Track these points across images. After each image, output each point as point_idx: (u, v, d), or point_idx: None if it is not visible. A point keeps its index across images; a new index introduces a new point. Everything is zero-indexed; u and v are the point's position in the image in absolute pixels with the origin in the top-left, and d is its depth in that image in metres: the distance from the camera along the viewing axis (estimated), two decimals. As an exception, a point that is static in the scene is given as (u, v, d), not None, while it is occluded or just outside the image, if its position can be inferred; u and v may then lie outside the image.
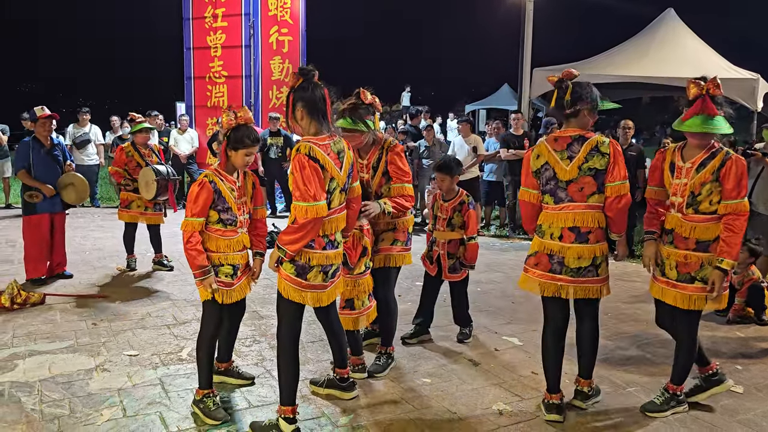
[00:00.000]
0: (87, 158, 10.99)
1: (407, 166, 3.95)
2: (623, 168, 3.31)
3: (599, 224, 3.36)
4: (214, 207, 3.32)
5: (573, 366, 3.75)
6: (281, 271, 3.13)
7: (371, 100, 3.78)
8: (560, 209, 3.37)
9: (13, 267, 6.61)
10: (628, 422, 3.42)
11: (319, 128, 3.10)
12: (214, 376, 3.78)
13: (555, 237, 3.38)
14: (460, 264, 4.57)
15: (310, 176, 2.95)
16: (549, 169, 3.38)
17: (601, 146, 3.29)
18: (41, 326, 4.80)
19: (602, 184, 3.31)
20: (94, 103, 35.91)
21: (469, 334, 4.71)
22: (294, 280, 3.10)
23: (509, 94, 25.69)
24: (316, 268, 3.12)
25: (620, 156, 3.31)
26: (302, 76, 3.11)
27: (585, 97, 3.31)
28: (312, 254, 3.10)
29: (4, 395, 3.57)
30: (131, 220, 6.61)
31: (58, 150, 6.19)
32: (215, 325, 3.43)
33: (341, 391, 3.63)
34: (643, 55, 10.44)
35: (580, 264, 3.37)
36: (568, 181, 3.33)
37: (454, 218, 4.53)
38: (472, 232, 4.52)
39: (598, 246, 3.39)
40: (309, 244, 3.07)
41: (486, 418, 3.42)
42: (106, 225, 9.51)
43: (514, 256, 7.88)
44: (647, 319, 5.18)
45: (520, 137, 9.06)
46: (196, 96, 12.16)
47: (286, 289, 3.12)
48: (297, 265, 3.10)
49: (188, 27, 11.99)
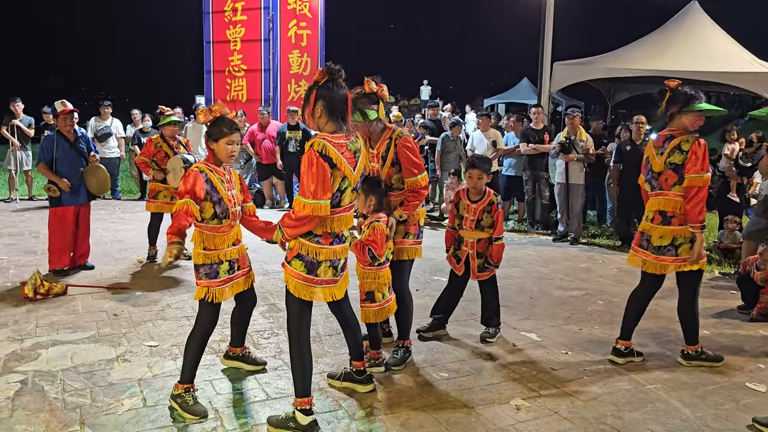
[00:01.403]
0: (108, 151, 11.12)
1: (419, 158, 3.89)
2: (700, 163, 3.85)
3: (681, 211, 3.96)
4: (209, 198, 3.36)
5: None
6: (290, 269, 3.13)
7: (375, 90, 3.74)
8: (654, 196, 4.09)
9: (36, 258, 6.72)
10: (649, 420, 3.38)
11: (337, 128, 3.10)
12: (229, 361, 3.91)
13: (648, 219, 4.11)
14: (486, 263, 4.53)
15: (314, 174, 2.94)
16: (649, 163, 4.15)
17: (682, 144, 3.92)
18: (64, 317, 4.87)
19: (682, 176, 3.92)
20: (116, 96, 36.33)
21: (493, 334, 4.57)
22: (304, 277, 3.11)
23: (528, 89, 25.52)
24: (324, 263, 3.13)
25: (698, 153, 3.85)
26: (328, 74, 3.10)
27: (678, 102, 3.96)
28: (319, 249, 3.10)
29: (28, 384, 3.63)
30: (158, 210, 6.69)
31: (83, 143, 6.27)
32: (209, 323, 3.44)
33: (358, 384, 3.64)
34: (666, 48, 10.29)
35: (660, 243, 4.03)
36: (659, 172, 4.05)
37: (483, 219, 4.45)
38: (499, 233, 4.48)
39: (680, 228, 3.97)
40: (317, 240, 3.08)
41: (503, 413, 3.41)
42: (127, 217, 9.62)
43: (532, 251, 7.84)
44: (667, 315, 5.13)
45: (540, 131, 8.99)
46: (216, 90, 12.24)
47: (296, 287, 3.12)
48: (306, 261, 3.10)
49: (208, 21, 12.06)
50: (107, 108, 11.55)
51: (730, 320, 5.19)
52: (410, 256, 4.00)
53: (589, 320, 5.12)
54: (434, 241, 8.27)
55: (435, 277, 6.34)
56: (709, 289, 6.08)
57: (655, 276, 4.14)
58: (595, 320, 5.12)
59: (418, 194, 3.86)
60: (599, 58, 11.12)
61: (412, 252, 4.00)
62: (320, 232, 3.09)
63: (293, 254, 3.12)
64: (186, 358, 3.41)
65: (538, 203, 9.32)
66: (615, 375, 3.98)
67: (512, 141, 9.53)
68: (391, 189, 3.90)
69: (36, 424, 3.17)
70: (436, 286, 6.00)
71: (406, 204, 3.85)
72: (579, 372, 4.01)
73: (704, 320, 4.64)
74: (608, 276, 6.64)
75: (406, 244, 3.97)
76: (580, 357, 4.28)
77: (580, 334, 4.78)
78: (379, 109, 3.77)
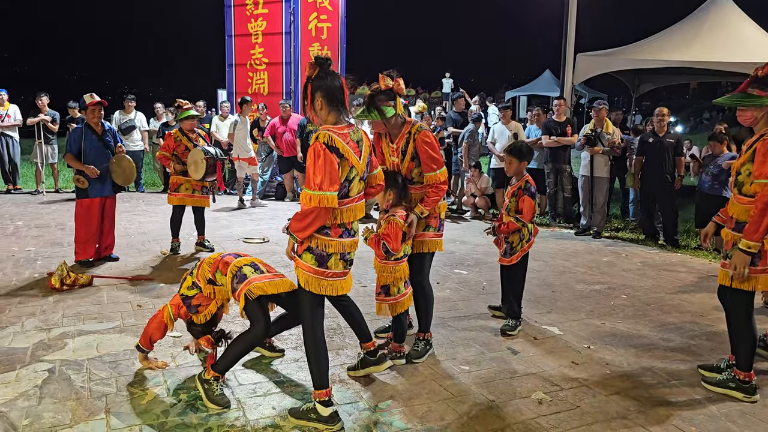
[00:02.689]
0: (132, 144, 11.27)
1: (438, 153, 3.85)
2: (761, 166, 3.33)
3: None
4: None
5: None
6: (301, 262, 3.12)
7: (391, 85, 3.70)
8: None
9: (63, 249, 6.84)
10: (673, 415, 3.34)
11: (338, 117, 3.09)
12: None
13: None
14: (516, 215, 4.58)
15: (321, 166, 2.92)
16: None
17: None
18: (89, 307, 4.95)
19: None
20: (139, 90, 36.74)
21: (513, 327, 4.56)
22: (315, 270, 3.09)
23: (551, 81, 25.26)
24: (335, 256, 3.11)
25: (762, 152, 3.33)
26: (319, 65, 3.09)
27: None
28: (329, 242, 3.08)
29: (55, 373, 3.70)
30: (179, 203, 6.77)
31: (110, 136, 6.36)
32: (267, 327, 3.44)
33: (373, 366, 3.70)
34: (693, 38, 10.09)
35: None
36: None
37: (510, 203, 4.62)
38: (525, 218, 4.55)
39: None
40: (326, 232, 3.07)
41: (525, 407, 3.40)
42: (150, 210, 9.74)
43: (554, 244, 7.78)
44: (692, 310, 5.07)
45: (562, 124, 8.91)
46: (237, 83, 12.30)
47: (307, 280, 3.11)
48: (316, 254, 3.08)
49: (229, 14, 12.12)
50: (131, 101, 11.70)
51: (758, 316, 5.11)
52: (431, 249, 3.99)
53: (612, 314, 5.07)
54: (455, 234, 8.25)
55: (456, 270, 6.33)
56: None
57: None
58: (618, 314, 5.06)
59: (438, 189, 3.85)
60: (624, 49, 10.94)
61: (432, 245, 3.98)
62: (329, 224, 3.07)
63: (303, 247, 3.12)
64: (229, 353, 3.43)
65: (560, 196, 9.24)
66: (638, 369, 3.94)
67: (534, 134, 9.45)
68: (412, 183, 3.90)
69: (63, 411, 3.23)
70: (456, 279, 5.99)
71: (426, 199, 3.83)
72: (601, 366, 3.98)
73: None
74: (632, 270, 6.57)
75: (427, 237, 3.96)
76: (602, 351, 4.24)
77: (603, 328, 4.73)
78: (397, 105, 3.74)
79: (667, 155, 7.73)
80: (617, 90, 24.38)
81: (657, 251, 7.56)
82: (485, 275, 6.16)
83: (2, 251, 6.80)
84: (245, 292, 3.33)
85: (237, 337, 3.46)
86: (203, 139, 6.90)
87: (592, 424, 3.22)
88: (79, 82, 44.77)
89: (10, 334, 4.32)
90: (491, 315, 4.93)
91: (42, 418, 3.16)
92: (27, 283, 5.58)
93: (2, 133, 11.21)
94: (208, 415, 3.24)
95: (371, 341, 3.74)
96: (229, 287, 3.44)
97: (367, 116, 3.68)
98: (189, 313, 3.61)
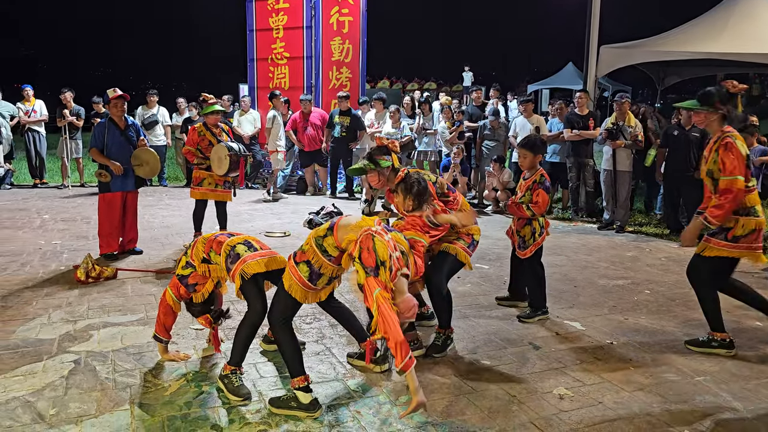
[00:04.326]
0: (155, 139, 11.38)
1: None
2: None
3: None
4: None
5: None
6: (295, 269, 3.27)
7: (386, 143, 3.97)
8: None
9: (88, 243, 6.94)
10: (697, 412, 3.29)
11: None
12: (269, 346, 4.00)
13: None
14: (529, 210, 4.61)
15: None
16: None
17: None
18: (114, 300, 5.03)
19: None
20: (162, 85, 37.11)
21: (529, 315, 4.67)
22: (305, 282, 3.27)
23: (574, 73, 24.97)
24: (325, 276, 3.30)
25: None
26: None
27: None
28: (327, 265, 3.25)
29: (81, 364, 3.77)
30: (202, 198, 6.82)
31: (132, 130, 6.44)
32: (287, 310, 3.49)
33: (373, 364, 3.75)
34: (720, 30, 9.87)
35: None
36: None
37: (524, 196, 4.65)
38: (536, 211, 4.59)
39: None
40: (330, 258, 3.23)
41: (546, 402, 3.37)
42: (174, 204, 9.85)
43: (576, 239, 7.70)
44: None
45: (584, 117, 8.79)
46: (259, 77, 12.34)
47: (292, 287, 3.28)
48: (312, 270, 3.25)
49: (251, 9, 12.15)
50: (153, 96, 11.82)
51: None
52: (457, 254, 3.99)
53: (636, 310, 5.01)
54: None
55: (477, 265, 6.29)
56: None
57: None
58: (642, 310, 5.00)
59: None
60: (649, 40, 10.75)
61: (461, 254, 4.00)
62: (335, 254, 3.22)
63: (304, 258, 3.27)
64: (236, 342, 3.48)
65: (583, 190, 9.14)
66: (662, 366, 3.88)
67: (556, 127, 9.35)
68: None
69: (88, 402, 3.29)
70: (478, 273, 5.96)
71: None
72: (624, 362, 3.94)
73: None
74: (656, 265, 6.47)
75: (458, 245, 4.01)
76: (625, 347, 4.19)
77: (626, 323, 4.68)
78: (392, 159, 3.96)
79: (692, 148, 7.59)
80: (642, 82, 24.00)
81: (681, 246, 7.43)
82: (506, 270, 6.08)
83: (30, 244, 6.93)
84: (239, 272, 3.40)
85: (238, 326, 3.51)
86: (226, 134, 6.94)
87: (614, 420, 3.19)
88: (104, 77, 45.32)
89: (38, 325, 4.41)
90: (497, 304, 5.05)
91: (68, 408, 3.22)
92: (53, 276, 5.69)
93: (29, 129, 11.41)
94: (230, 406, 3.27)
95: (366, 341, 3.78)
96: (223, 266, 3.51)
97: (364, 168, 3.95)
98: (188, 292, 3.68)
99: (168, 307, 3.72)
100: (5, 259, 6.24)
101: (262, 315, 3.49)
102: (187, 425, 3.08)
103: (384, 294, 2.93)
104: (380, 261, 2.96)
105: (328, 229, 3.22)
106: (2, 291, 5.20)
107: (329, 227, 3.23)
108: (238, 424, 3.11)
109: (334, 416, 3.21)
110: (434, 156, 10.58)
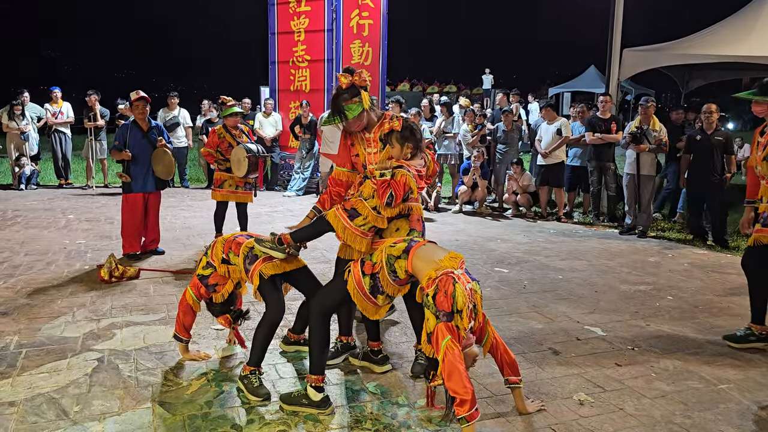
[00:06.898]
0: (176, 141, 11.52)
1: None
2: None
3: None
4: None
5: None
6: (359, 276, 3.25)
7: (353, 81, 3.54)
8: None
9: (111, 243, 7.05)
10: (720, 420, 3.25)
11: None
12: (289, 347, 4.02)
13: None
14: None
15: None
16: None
17: None
18: (136, 299, 5.09)
19: None
20: (183, 88, 37.55)
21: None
22: (366, 294, 3.24)
23: (596, 77, 24.73)
24: (385, 295, 3.26)
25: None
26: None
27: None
28: (390, 285, 3.20)
29: (104, 362, 3.83)
30: (223, 199, 6.89)
31: (155, 133, 6.52)
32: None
33: (374, 364, 3.76)
34: (747, 33, 9.70)
35: None
36: None
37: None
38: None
39: None
40: (396, 278, 3.19)
41: (566, 408, 3.35)
42: (195, 205, 9.95)
43: (597, 243, 7.63)
44: (741, 313, 4.90)
45: (607, 121, 8.71)
46: (280, 80, 12.43)
47: (356, 295, 3.26)
48: (375, 285, 3.21)
49: (273, 12, 12.25)
50: (174, 98, 11.96)
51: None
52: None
53: (658, 316, 4.95)
54: (496, 232, 8.18)
55: (497, 269, 6.27)
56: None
57: None
58: (664, 316, 4.94)
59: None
60: (673, 43, 10.61)
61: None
62: (402, 277, 3.16)
63: (371, 271, 3.21)
64: (255, 343, 3.51)
65: (604, 195, 9.05)
66: (684, 373, 3.83)
67: (578, 131, 9.28)
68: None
69: (111, 399, 3.34)
70: (497, 277, 5.94)
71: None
72: (646, 368, 3.89)
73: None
74: (678, 271, 6.39)
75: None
76: (647, 353, 4.14)
77: (648, 329, 4.62)
78: (363, 99, 3.55)
79: (715, 153, 7.49)
80: (665, 86, 23.76)
81: (705, 252, 7.34)
82: (526, 274, 6.08)
83: (55, 244, 7.05)
84: (258, 272, 3.42)
85: (257, 326, 3.52)
86: (246, 135, 7.00)
87: (635, 427, 3.15)
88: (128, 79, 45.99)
89: (62, 323, 4.48)
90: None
91: (91, 405, 3.27)
92: (78, 275, 5.78)
93: (56, 130, 11.62)
94: (250, 406, 3.30)
95: (378, 341, 3.81)
96: (241, 267, 3.53)
97: (331, 122, 3.71)
98: (209, 292, 3.72)
99: (188, 306, 3.77)
100: (31, 258, 6.36)
101: (281, 315, 3.51)
102: (208, 424, 3.11)
103: (454, 344, 2.79)
104: (457, 309, 2.82)
105: (404, 251, 3.11)
106: (28, 289, 5.30)
107: (405, 249, 3.11)
108: (257, 424, 3.13)
109: (353, 417, 3.22)
110: (454, 159, 10.56)
